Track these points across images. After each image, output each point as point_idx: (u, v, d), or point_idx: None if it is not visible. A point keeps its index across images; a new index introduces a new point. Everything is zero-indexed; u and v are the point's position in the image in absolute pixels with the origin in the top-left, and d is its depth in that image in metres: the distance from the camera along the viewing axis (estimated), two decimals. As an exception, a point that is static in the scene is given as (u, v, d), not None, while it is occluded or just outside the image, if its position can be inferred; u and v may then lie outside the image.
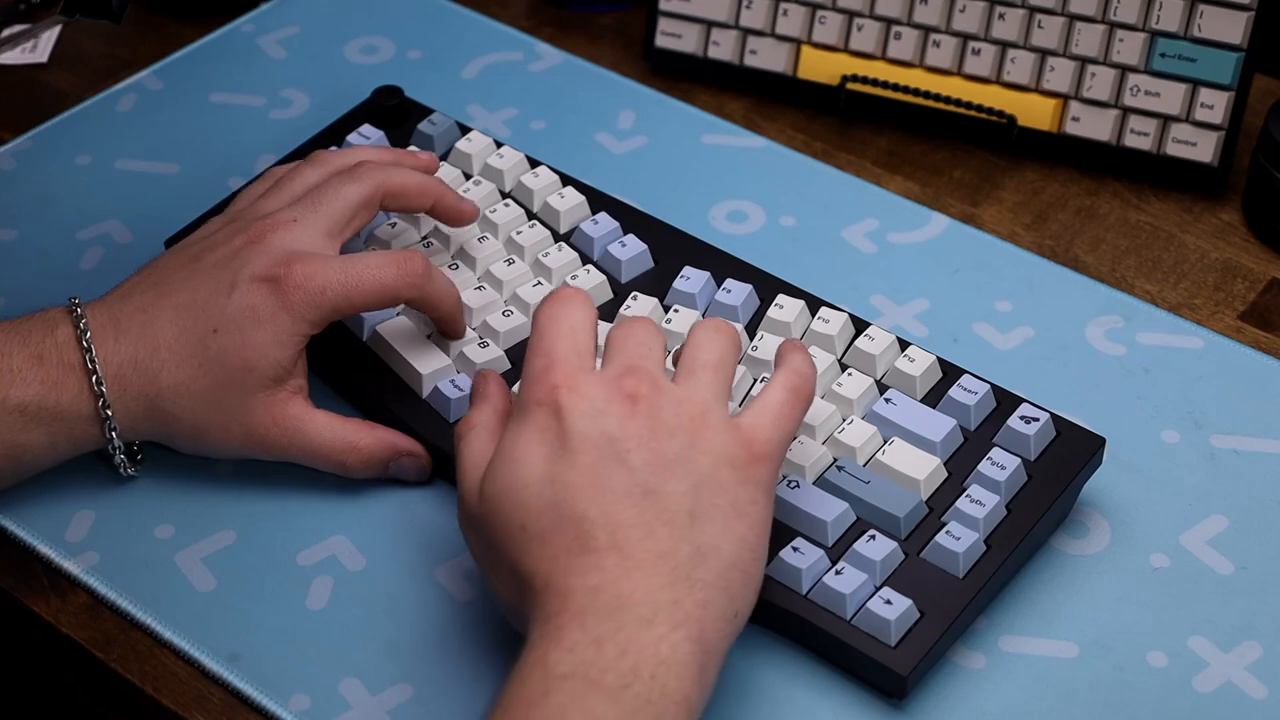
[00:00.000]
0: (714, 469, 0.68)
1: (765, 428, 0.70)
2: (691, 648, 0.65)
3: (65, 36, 1.09)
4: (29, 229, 0.94)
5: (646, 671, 0.64)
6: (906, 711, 0.72)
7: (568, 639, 0.64)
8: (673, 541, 0.66)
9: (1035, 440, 0.77)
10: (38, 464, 0.78)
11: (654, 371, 0.70)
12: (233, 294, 0.76)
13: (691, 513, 0.67)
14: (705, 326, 0.73)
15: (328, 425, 0.78)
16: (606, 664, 0.64)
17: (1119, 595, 0.76)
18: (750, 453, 0.69)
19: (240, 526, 0.79)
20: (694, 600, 0.66)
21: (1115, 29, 0.94)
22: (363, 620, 0.76)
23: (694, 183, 0.97)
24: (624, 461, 0.67)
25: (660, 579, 0.66)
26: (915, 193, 0.97)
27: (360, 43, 1.07)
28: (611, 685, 0.63)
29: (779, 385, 0.72)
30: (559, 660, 0.64)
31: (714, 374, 0.71)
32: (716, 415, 0.70)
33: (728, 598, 0.67)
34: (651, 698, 0.63)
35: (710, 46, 1.02)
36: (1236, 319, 0.90)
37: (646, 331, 0.72)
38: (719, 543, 0.67)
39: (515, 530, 0.68)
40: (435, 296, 0.79)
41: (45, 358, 0.76)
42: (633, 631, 0.64)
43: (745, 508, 0.68)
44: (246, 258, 0.77)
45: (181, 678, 0.74)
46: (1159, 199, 0.97)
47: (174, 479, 0.81)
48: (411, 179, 0.81)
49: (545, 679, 0.63)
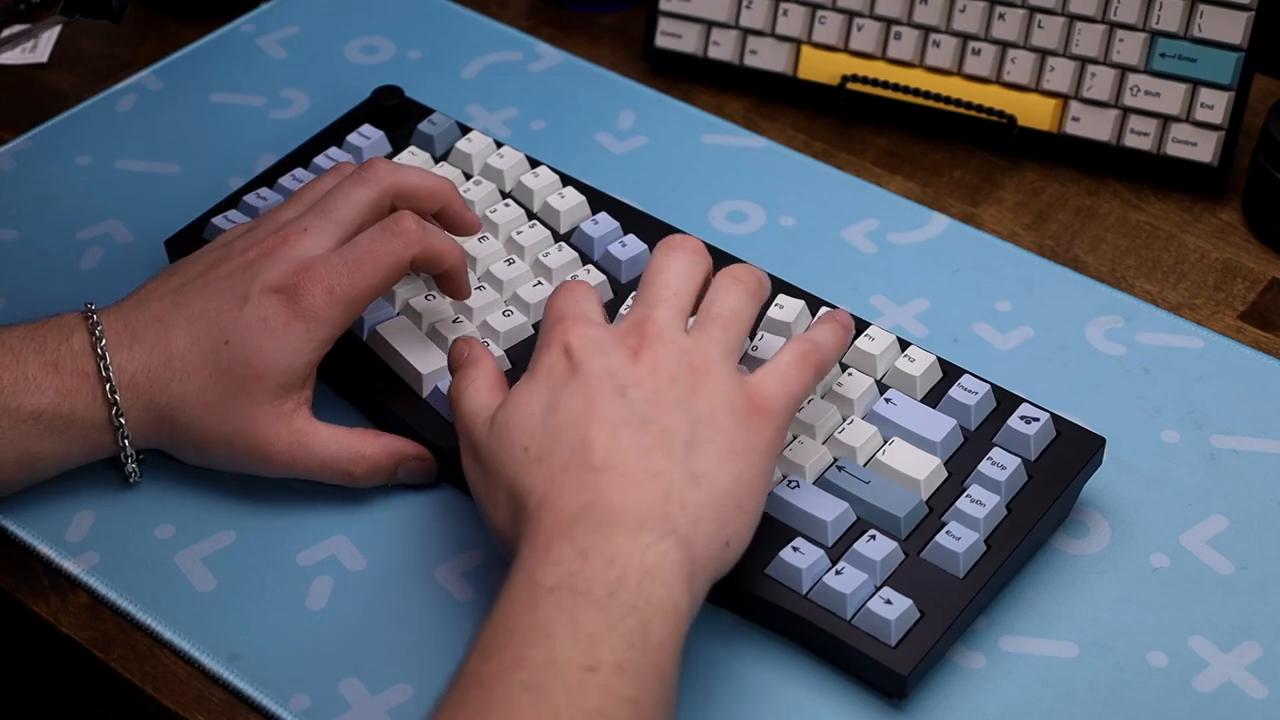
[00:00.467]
0: (713, 412, 0.69)
1: (770, 385, 0.71)
2: (679, 556, 0.66)
3: (65, 36, 1.09)
4: (29, 229, 0.94)
5: (633, 579, 0.64)
6: (906, 711, 0.72)
7: (555, 552, 0.65)
8: (667, 463, 0.68)
9: (1035, 440, 0.77)
10: (50, 470, 0.78)
11: (665, 322, 0.72)
12: (245, 305, 0.76)
13: (688, 442, 0.68)
14: (726, 276, 0.74)
15: (332, 437, 0.78)
16: (593, 574, 0.64)
17: (1119, 595, 0.76)
18: (751, 404, 0.70)
19: (240, 526, 0.79)
20: (685, 517, 0.67)
21: (1115, 29, 0.94)
22: (363, 620, 0.76)
23: (694, 183, 0.97)
24: (624, 394, 0.69)
25: (652, 495, 0.67)
26: (915, 193, 0.97)
27: (360, 43, 1.07)
28: (598, 594, 0.64)
29: (789, 349, 0.73)
30: (546, 573, 0.65)
31: (725, 329, 0.72)
32: (720, 368, 0.71)
33: (719, 523, 0.68)
34: (638, 604, 0.64)
35: (710, 46, 1.02)
36: (1236, 319, 0.90)
37: (679, 266, 0.74)
38: (714, 473, 0.68)
39: (518, 452, 0.69)
40: (438, 250, 0.79)
41: (60, 365, 0.76)
42: (620, 541, 0.65)
43: (744, 450, 0.69)
44: (258, 269, 0.77)
45: (181, 678, 0.74)
46: (1159, 199, 0.97)
47: (174, 479, 0.81)
48: (422, 180, 0.81)
49: (533, 592, 0.64)
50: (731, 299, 0.73)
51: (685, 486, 0.67)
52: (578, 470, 0.67)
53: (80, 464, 0.79)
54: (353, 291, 0.77)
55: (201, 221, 0.90)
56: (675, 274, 0.73)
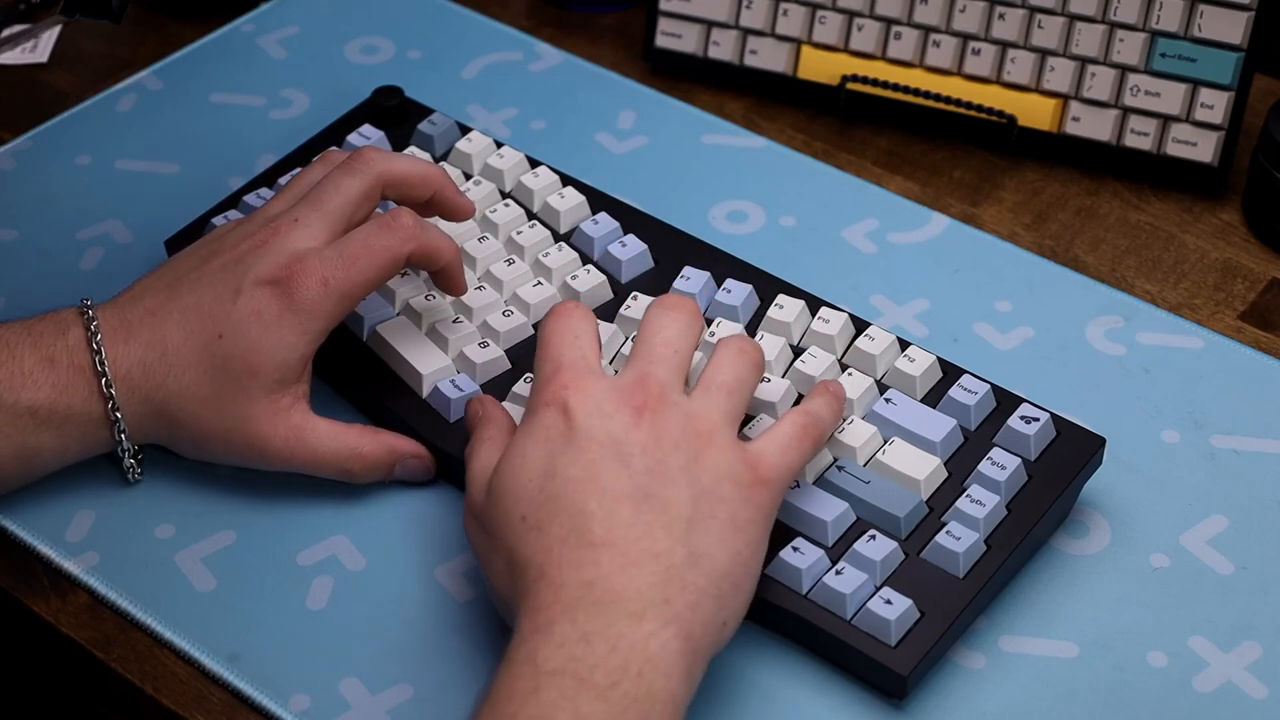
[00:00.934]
0: (716, 484, 0.69)
1: (771, 454, 0.70)
2: (680, 645, 0.65)
3: (65, 36, 1.09)
4: (29, 229, 0.94)
5: (634, 668, 0.64)
6: (906, 711, 0.72)
7: (558, 633, 0.64)
8: (668, 543, 0.67)
9: (1035, 440, 0.77)
10: (48, 466, 0.78)
11: (667, 381, 0.71)
12: (238, 299, 0.76)
13: (689, 520, 0.67)
14: (730, 345, 0.73)
15: (330, 434, 0.78)
16: (596, 660, 0.64)
17: (1119, 595, 0.76)
18: (754, 474, 0.69)
19: (240, 526, 0.79)
20: (684, 601, 0.66)
21: (1115, 29, 0.94)
22: (363, 620, 0.76)
23: (694, 183, 0.97)
24: (626, 464, 0.68)
25: (653, 578, 0.66)
26: (915, 193, 0.97)
27: (360, 43, 1.07)
28: (600, 683, 0.63)
29: (790, 420, 0.72)
30: (548, 656, 0.64)
31: (728, 396, 0.71)
32: (723, 435, 0.70)
33: (718, 605, 0.67)
34: (639, 695, 0.64)
35: (710, 46, 1.02)
36: (1236, 319, 0.90)
37: (679, 327, 0.73)
38: (714, 551, 0.67)
39: (515, 521, 0.68)
40: (434, 246, 0.79)
41: (56, 360, 0.76)
42: (622, 627, 0.65)
43: (744, 525, 0.69)
44: (250, 262, 0.77)
45: (181, 678, 0.74)
46: (1159, 199, 0.97)
47: (174, 479, 0.81)
48: (412, 168, 0.81)
49: (534, 674, 0.64)
50: (737, 368, 0.72)
51: (685, 567, 0.67)
52: (577, 545, 0.66)
53: (79, 459, 0.79)
54: (347, 285, 0.77)
55: (201, 221, 0.90)
56: (675, 332, 0.73)
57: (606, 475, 0.67)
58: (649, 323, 0.73)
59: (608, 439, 0.68)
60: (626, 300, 0.84)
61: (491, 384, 0.82)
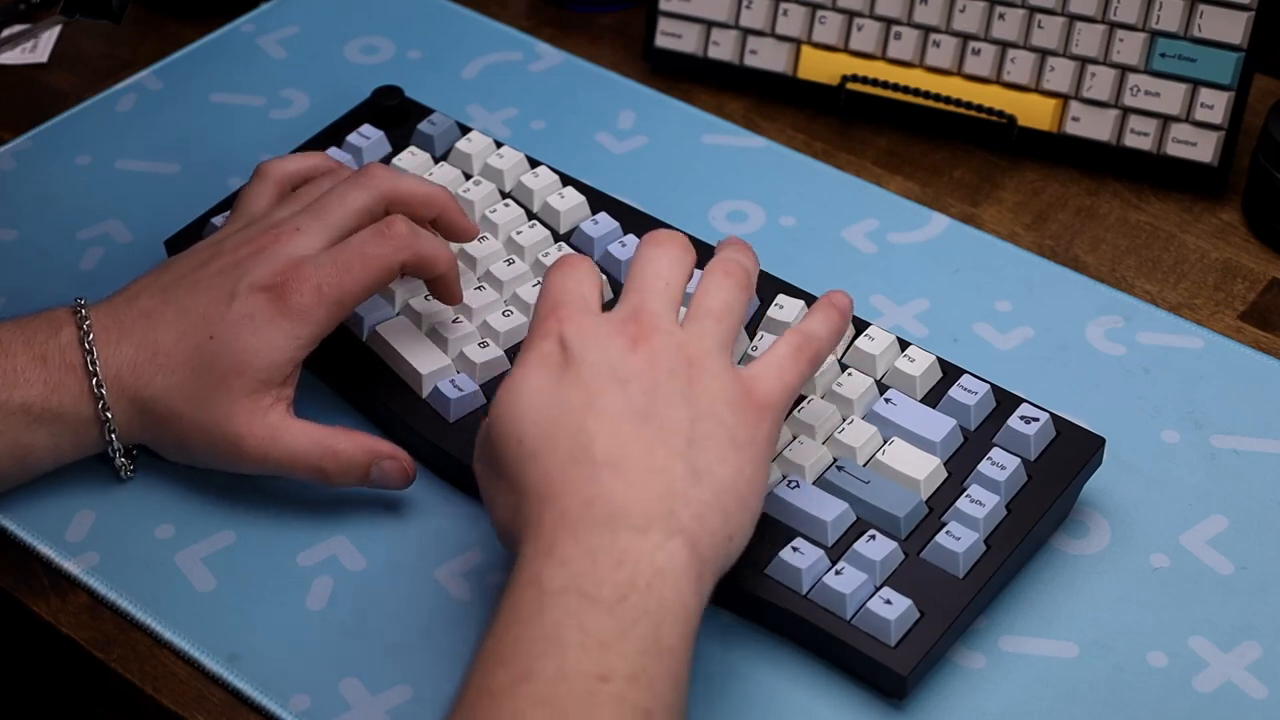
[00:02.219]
0: (712, 406, 0.69)
1: (766, 379, 0.71)
2: (687, 556, 0.65)
3: (65, 36, 1.09)
4: (29, 229, 0.94)
5: (643, 581, 0.64)
6: (906, 711, 0.72)
7: (561, 551, 0.64)
8: (669, 459, 0.67)
9: (1035, 440, 0.77)
10: (43, 465, 0.78)
11: (660, 312, 0.71)
12: (232, 302, 0.76)
13: (689, 438, 0.68)
14: (715, 270, 0.73)
15: (304, 432, 0.77)
16: (602, 576, 0.64)
17: (1119, 595, 0.76)
18: (749, 399, 0.70)
19: (240, 526, 0.79)
20: (689, 513, 0.66)
21: (1115, 29, 0.94)
22: (363, 620, 0.76)
23: (694, 183, 0.97)
24: (624, 388, 0.68)
25: (655, 492, 0.66)
26: (915, 193, 0.97)
27: (360, 43, 1.07)
28: (608, 598, 0.63)
29: (784, 341, 0.72)
30: (553, 575, 0.64)
31: (718, 321, 0.71)
32: (715, 360, 0.70)
33: (723, 518, 0.67)
34: (648, 607, 0.63)
35: (710, 46, 1.02)
36: (1236, 319, 0.90)
37: (670, 259, 0.73)
38: (715, 468, 0.68)
39: (514, 445, 0.68)
40: (429, 255, 0.79)
41: (49, 359, 0.77)
42: (627, 541, 0.65)
43: (744, 444, 0.69)
44: (248, 266, 0.77)
45: (181, 678, 0.74)
46: (1159, 199, 0.97)
47: (174, 479, 0.81)
48: (418, 188, 0.81)
49: (539, 595, 0.63)
50: (723, 293, 0.72)
51: (688, 482, 0.67)
52: (578, 465, 0.67)
53: (73, 458, 0.79)
54: (340, 293, 0.77)
55: (201, 221, 0.90)
56: (666, 264, 0.73)
57: (604, 398, 0.68)
58: (640, 257, 0.73)
59: (604, 366, 0.69)
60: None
61: (491, 384, 0.82)
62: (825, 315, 0.74)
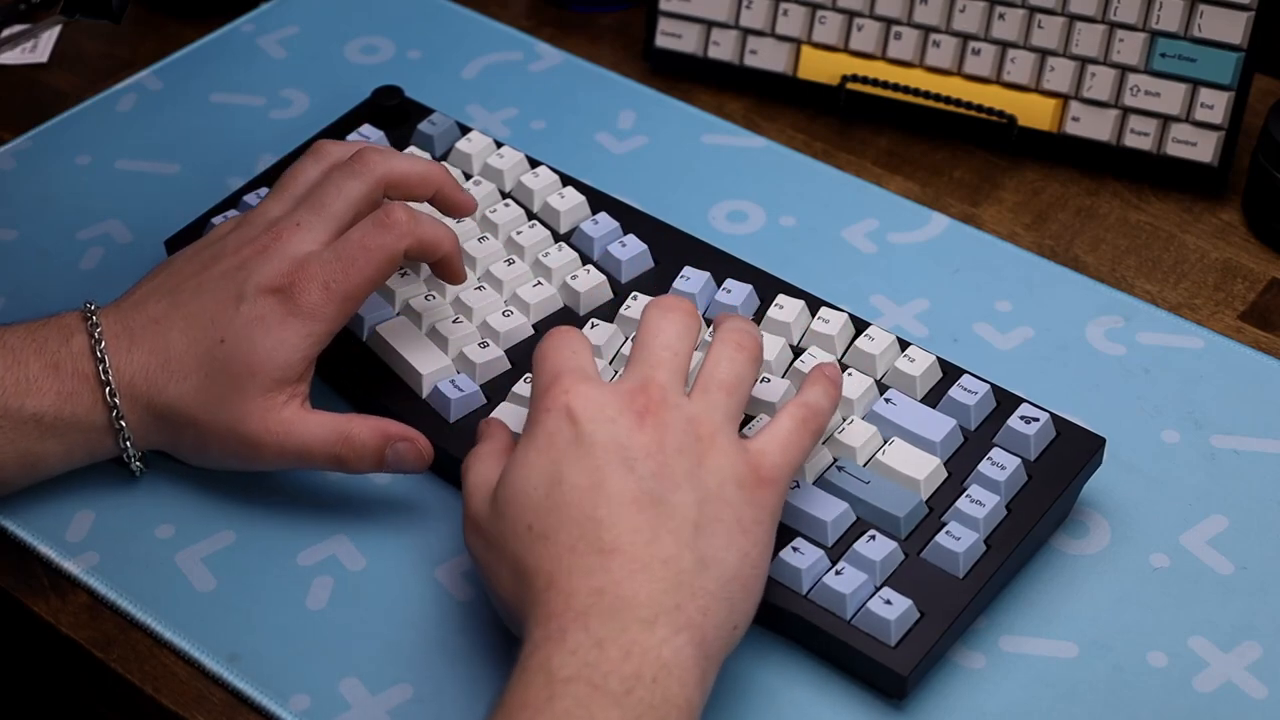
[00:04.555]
0: (720, 487, 0.68)
1: (773, 453, 0.70)
2: (693, 651, 0.65)
3: (65, 36, 1.09)
4: (29, 229, 0.94)
5: (649, 674, 0.64)
6: (906, 711, 0.72)
7: (571, 641, 0.64)
8: (677, 548, 0.67)
9: (1035, 440, 0.77)
10: (53, 471, 0.78)
11: (668, 384, 0.70)
12: (240, 305, 0.76)
13: (696, 524, 0.67)
14: (727, 341, 0.73)
15: (319, 423, 0.77)
16: (610, 667, 0.64)
17: (1119, 595, 0.76)
18: (757, 475, 0.69)
19: (240, 526, 0.79)
20: (696, 606, 0.66)
21: (1115, 29, 0.94)
22: (363, 620, 0.76)
23: (694, 183, 0.97)
24: (632, 469, 0.68)
25: (663, 583, 0.66)
26: (915, 193, 0.97)
27: (360, 43, 1.07)
28: (615, 690, 0.63)
29: (789, 414, 0.72)
30: (562, 663, 0.64)
31: (728, 395, 0.71)
32: (725, 436, 0.70)
33: (728, 609, 0.67)
34: (654, 702, 0.63)
35: (710, 46, 1.02)
36: (1236, 319, 0.90)
37: (677, 329, 0.72)
38: (722, 554, 0.67)
39: (522, 530, 0.68)
40: (431, 239, 0.78)
41: (61, 367, 0.76)
42: (635, 633, 0.64)
43: (750, 526, 0.68)
44: (253, 268, 0.77)
45: (181, 678, 0.74)
46: (1159, 199, 0.97)
47: (174, 479, 0.81)
48: (413, 167, 0.81)
49: (549, 682, 0.63)
50: (735, 365, 0.72)
51: (694, 571, 0.67)
52: (586, 551, 0.66)
53: (84, 464, 0.79)
54: (348, 287, 0.77)
55: (201, 221, 0.90)
56: (673, 334, 0.72)
57: (613, 481, 0.67)
58: (647, 325, 0.73)
59: (613, 444, 0.68)
60: (626, 300, 0.84)
61: (491, 384, 0.82)
62: (824, 388, 0.74)
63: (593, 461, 0.68)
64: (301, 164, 0.82)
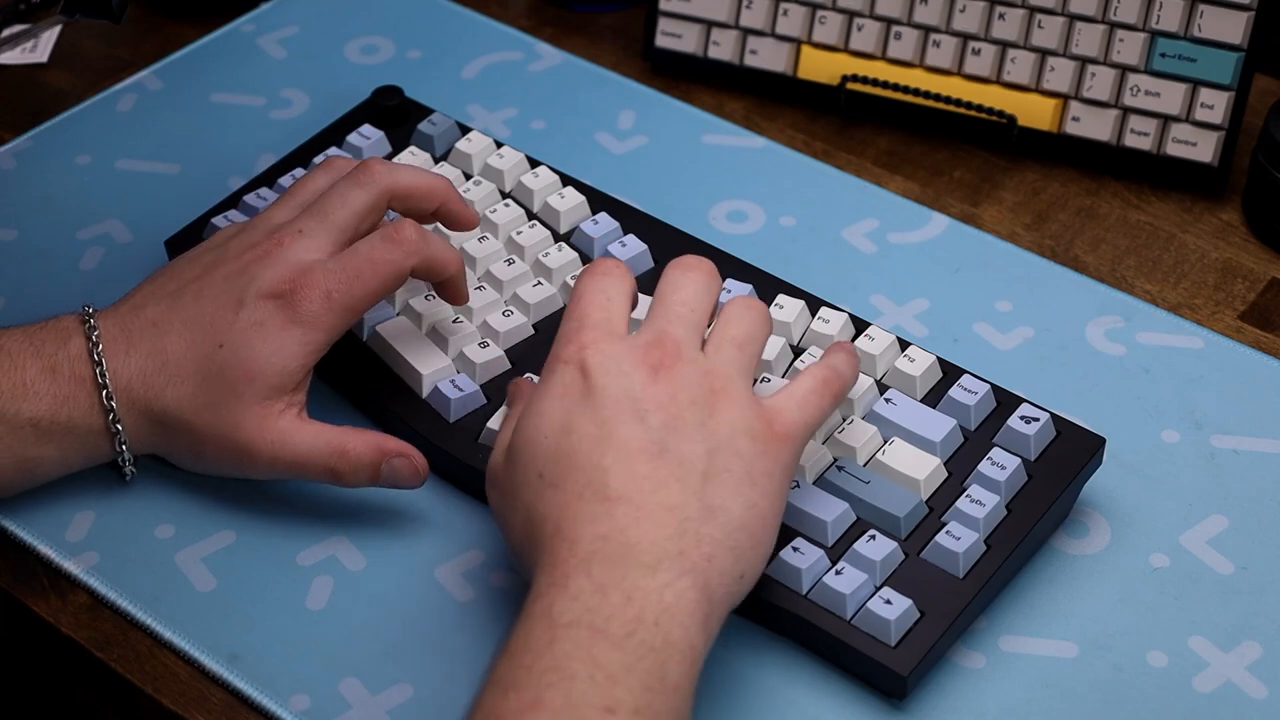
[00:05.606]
0: (731, 438, 0.69)
1: (789, 410, 0.71)
2: (696, 595, 0.65)
3: (65, 36, 1.09)
4: (29, 229, 0.94)
5: (650, 618, 0.64)
6: (906, 711, 0.72)
7: (573, 586, 0.65)
8: (683, 496, 0.67)
9: (1035, 440, 0.77)
10: (50, 474, 0.78)
11: (684, 339, 0.71)
12: (241, 310, 0.76)
13: (705, 473, 0.68)
14: (736, 303, 0.73)
15: (315, 434, 0.77)
16: (611, 611, 0.64)
17: (1119, 595, 0.76)
18: (771, 429, 0.70)
19: (240, 526, 0.79)
20: (700, 553, 0.66)
21: (1115, 29, 0.94)
22: (363, 620, 0.76)
23: (694, 183, 0.97)
24: (642, 420, 0.68)
25: (667, 530, 0.66)
26: (915, 193, 0.97)
27: (360, 43, 1.07)
28: (616, 633, 0.64)
29: (810, 374, 0.72)
30: (564, 608, 0.64)
31: (740, 350, 0.71)
32: (738, 389, 0.70)
33: (734, 557, 0.67)
34: (655, 644, 0.64)
35: (710, 46, 1.02)
36: (1236, 319, 0.90)
37: (697, 287, 0.73)
38: (730, 504, 0.68)
39: (532, 478, 0.69)
40: (438, 259, 0.79)
41: (58, 371, 0.76)
42: (637, 578, 0.65)
43: (760, 478, 0.69)
44: (254, 273, 0.77)
45: (181, 678, 0.74)
46: (1159, 199, 0.97)
47: (174, 479, 0.81)
48: (419, 180, 0.81)
49: (550, 627, 0.64)
50: (745, 324, 0.72)
51: (700, 519, 0.67)
52: (592, 499, 0.67)
53: (81, 468, 0.79)
54: (350, 299, 0.77)
55: (201, 221, 0.90)
56: (692, 292, 0.73)
57: (622, 431, 0.68)
58: (666, 281, 0.73)
59: (624, 396, 0.69)
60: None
61: (491, 384, 0.82)
62: (847, 356, 0.74)
63: (603, 412, 0.68)
64: (312, 175, 0.83)
